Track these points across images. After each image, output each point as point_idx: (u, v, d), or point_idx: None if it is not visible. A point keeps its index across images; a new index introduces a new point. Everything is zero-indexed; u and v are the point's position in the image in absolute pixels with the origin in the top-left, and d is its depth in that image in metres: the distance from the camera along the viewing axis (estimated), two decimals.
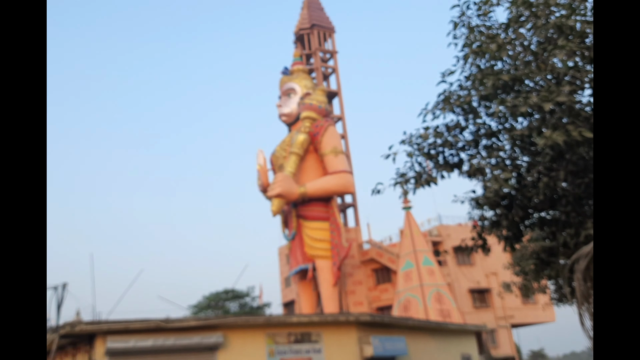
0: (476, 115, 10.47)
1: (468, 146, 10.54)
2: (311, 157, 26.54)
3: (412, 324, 18.40)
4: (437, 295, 27.88)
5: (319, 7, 38.33)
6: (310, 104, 26.89)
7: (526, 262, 19.11)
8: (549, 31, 9.34)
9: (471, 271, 35.35)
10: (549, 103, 8.45)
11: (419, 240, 30.12)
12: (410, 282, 28.83)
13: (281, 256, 40.61)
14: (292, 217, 26.50)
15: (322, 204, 26.09)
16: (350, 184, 26.37)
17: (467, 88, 10.45)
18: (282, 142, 28.49)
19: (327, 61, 37.22)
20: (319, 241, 25.57)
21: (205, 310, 46.51)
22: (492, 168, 9.67)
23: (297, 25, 37.88)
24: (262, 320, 13.92)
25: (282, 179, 24.60)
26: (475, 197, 11.03)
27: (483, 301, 35.14)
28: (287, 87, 28.86)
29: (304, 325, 14.32)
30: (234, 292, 47.25)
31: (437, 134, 10.44)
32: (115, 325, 11.65)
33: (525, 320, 37.10)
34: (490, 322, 33.69)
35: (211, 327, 12.89)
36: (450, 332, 21.33)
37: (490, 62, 10.25)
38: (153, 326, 11.98)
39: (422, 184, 10.55)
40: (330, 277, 25.07)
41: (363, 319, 15.43)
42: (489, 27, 10.32)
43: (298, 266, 26.24)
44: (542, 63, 9.35)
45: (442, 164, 10.60)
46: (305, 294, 26.89)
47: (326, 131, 26.20)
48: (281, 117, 28.94)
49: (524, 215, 10.78)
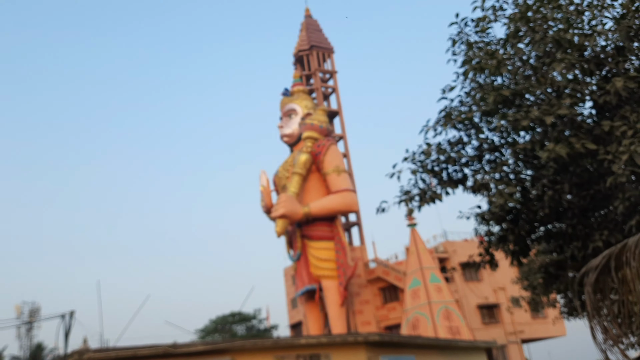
0: (478, 131, 10.49)
1: (471, 162, 10.55)
2: (314, 177, 26.60)
3: (422, 342, 18.23)
4: (445, 312, 27.64)
5: (317, 28, 38.74)
6: (312, 124, 27.06)
7: (534, 276, 18.97)
8: (548, 45, 9.41)
9: (479, 287, 35.08)
10: (550, 116, 8.49)
11: (426, 257, 29.97)
12: (418, 300, 28.61)
13: (287, 277, 40.39)
14: (296, 238, 26.46)
15: (327, 223, 26.06)
16: (353, 202, 26.38)
17: (468, 104, 10.49)
18: (285, 162, 28.59)
19: (327, 81, 37.49)
20: (324, 261, 25.49)
21: (212, 334, 46.19)
22: (497, 183, 9.66)
23: (296, 46, 38.25)
24: (270, 342, 13.82)
25: (285, 199, 24.63)
26: (481, 212, 11.01)
27: (492, 317, 34.79)
28: (287, 108, 29.08)
29: (313, 347, 14.21)
30: (240, 315, 46.96)
31: (440, 150, 10.46)
32: (123, 352, 11.57)
33: (536, 335, 36.67)
34: (500, 338, 33.32)
35: (219, 351, 12.80)
36: (461, 350, 21.11)
37: (490, 78, 10.31)
38: (161, 352, 11.90)
39: (427, 201, 10.53)
40: (337, 297, 24.93)
41: (372, 338, 15.30)
42: (487, 43, 10.40)
43: (304, 287, 26.13)
44: (541, 77, 9.41)
45: (446, 181, 10.60)
46: (313, 314, 26.72)
47: (328, 150, 26.32)
48: (283, 138, 29.09)
49: (530, 229, 10.74)
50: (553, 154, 8.20)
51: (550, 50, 9.52)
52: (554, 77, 9.37)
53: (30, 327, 44.20)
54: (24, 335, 44.84)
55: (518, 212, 10.53)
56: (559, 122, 8.92)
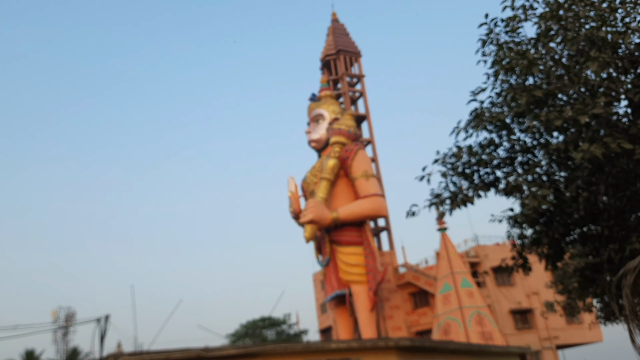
0: (510, 132, 10.34)
1: (503, 164, 10.40)
2: (342, 182, 26.56)
3: (454, 348, 18.00)
4: (477, 317, 27.26)
5: (344, 32, 38.77)
6: (339, 129, 27.04)
7: (569, 280, 18.56)
8: (580, 44, 9.24)
9: (512, 292, 34.50)
10: (584, 116, 8.32)
11: (456, 261, 29.64)
12: (449, 305, 28.29)
13: (316, 282, 40.43)
14: (325, 243, 26.44)
15: (355, 228, 25.98)
16: (382, 207, 26.24)
17: (499, 105, 10.35)
18: (313, 168, 28.64)
19: (354, 85, 37.47)
20: (353, 266, 25.41)
21: (243, 339, 46.50)
22: (529, 185, 9.49)
23: (323, 51, 38.35)
24: (300, 347, 13.82)
25: (313, 204, 24.64)
26: (513, 215, 10.82)
27: (525, 322, 34.16)
28: (315, 113, 29.15)
29: (343, 352, 14.16)
30: (270, 320, 47.19)
31: (471, 152, 10.33)
32: (157, 356, 11.73)
33: (571, 340, 35.85)
34: (534, 344, 32.68)
35: (251, 355, 12.86)
36: (493, 355, 20.76)
37: (521, 78, 10.17)
38: (194, 356, 12.02)
39: (458, 205, 10.39)
40: (367, 302, 24.81)
41: (403, 343, 15.18)
42: (518, 43, 10.26)
43: (334, 292, 26.07)
44: (574, 76, 9.23)
45: (478, 183, 10.46)
46: (342, 320, 26.63)
47: (356, 155, 26.25)
48: (310, 144, 29.16)
49: (565, 231, 10.52)
50: (588, 155, 8.03)
51: (583, 48, 9.35)
52: (588, 76, 9.20)
53: (66, 331, 45.19)
54: (60, 340, 45.89)
55: (552, 215, 10.32)
56: (593, 121, 8.73)
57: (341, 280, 25.58)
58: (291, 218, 27.92)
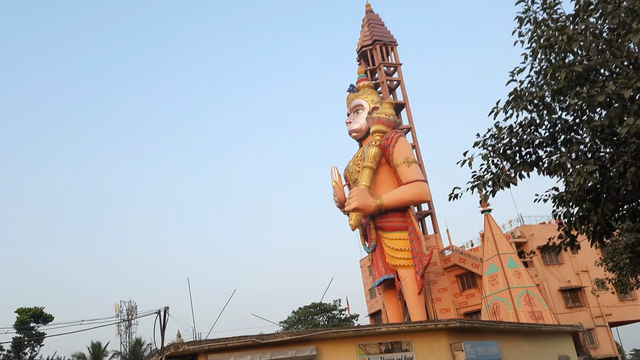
0: (550, 111, 10.28)
1: (545, 143, 10.35)
2: (384, 169, 26.70)
3: (504, 328, 18.05)
4: (526, 297, 27.04)
5: (379, 22, 38.62)
6: (379, 118, 27.15)
7: (620, 256, 18.21)
8: (621, 16, 9.11)
9: (560, 270, 33.96)
10: (629, 90, 8.24)
11: (502, 242, 29.39)
12: (497, 286, 28.14)
13: (363, 268, 40.77)
14: (370, 230, 26.69)
15: (399, 214, 26.12)
16: (425, 192, 26.26)
17: (538, 84, 10.30)
18: (355, 157, 28.88)
19: (391, 74, 37.34)
20: (399, 251, 25.60)
21: (295, 325, 47.38)
22: (573, 162, 9.44)
23: (359, 42, 38.37)
24: (352, 331, 14.18)
25: (357, 193, 24.90)
26: (559, 194, 10.76)
27: (576, 300, 33.59)
28: (354, 103, 29.36)
29: (394, 334, 14.45)
30: (321, 306, 47.87)
31: (512, 133, 10.32)
32: (215, 344, 12.28)
33: (625, 317, 35.05)
34: (586, 322, 32.15)
35: (304, 340, 13.29)
36: (545, 334, 20.66)
37: (560, 55, 10.07)
38: (249, 342, 12.54)
39: (501, 186, 10.41)
40: (414, 286, 24.98)
41: (452, 325, 15.35)
42: (556, 20, 10.15)
43: (381, 277, 26.34)
44: (616, 49, 9.11)
45: (520, 163, 10.45)
46: (391, 303, 26.91)
47: (397, 142, 26.32)
48: (351, 134, 29.39)
49: (613, 208, 10.42)
50: (634, 129, 7.97)
51: (624, 20, 9.21)
52: (630, 49, 9.07)
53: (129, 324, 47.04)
54: (124, 332, 47.82)
55: (599, 191, 10.25)
56: (637, 95, 8.64)
57: (388, 265, 25.83)
58: (336, 207, 28.28)
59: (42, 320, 42.95)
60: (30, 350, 43.79)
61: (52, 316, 43.29)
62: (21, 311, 42.99)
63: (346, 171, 29.38)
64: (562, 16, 10.34)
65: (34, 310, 43.23)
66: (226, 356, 12.31)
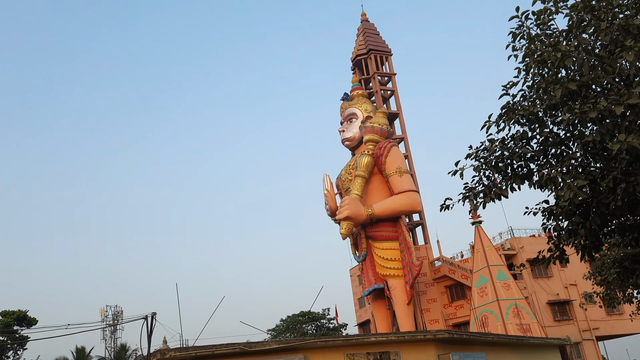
0: (542, 125, 10.35)
1: (537, 156, 10.41)
2: (376, 179, 26.73)
3: (492, 340, 18.06)
4: (515, 309, 27.10)
5: (374, 32, 38.82)
6: (372, 127, 27.20)
7: (608, 270, 18.33)
8: (614, 33, 9.21)
9: (549, 283, 34.11)
10: (620, 106, 8.31)
11: (492, 254, 29.49)
12: (486, 298, 28.20)
13: (353, 277, 40.72)
14: (361, 239, 26.67)
15: (391, 224, 26.12)
16: (417, 202, 26.30)
17: (531, 98, 10.37)
18: (347, 165, 28.91)
19: (385, 84, 37.51)
20: (389, 261, 25.58)
21: (283, 334, 47.18)
22: (564, 177, 9.49)
23: (354, 51, 38.54)
24: (340, 340, 14.13)
25: (349, 202, 24.89)
26: (549, 207, 10.83)
27: (564, 314, 33.73)
28: (348, 112, 29.41)
29: (382, 344, 14.42)
30: (310, 315, 47.74)
31: (504, 146, 10.38)
32: (202, 351, 12.19)
33: (612, 332, 35.23)
34: (573, 335, 32.26)
35: (292, 349, 13.23)
36: (532, 347, 20.72)
37: (553, 71, 10.16)
38: (237, 350, 12.45)
39: (492, 198, 10.45)
40: (403, 296, 24.96)
41: (441, 336, 15.34)
42: (549, 36, 10.25)
43: (371, 286, 26.30)
44: (609, 66, 9.21)
45: (512, 176, 10.50)
46: (380, 313, 26.85)
47: (389, 152, 26.37)
48: (344, 142, 29.42)
49: (602, 222, 10.49)
50: (625, 146, 8.03)
51: (617, 38, 9.31)
52: (622, 66, 9.16)
53: (114, 329, 46.59)
54: (109, 337, 47.34)
55: (588, 206, 10.32)
56: (629, 112, 8.72)
57: (378, 274, 25.80)
58: (327, 215, 28.25)
59: (26, 324, 42.49)
60: (13, 354, 43.23)
61: (36, 319, 42.83)
62: (5, 314, 42.49)
63: (338, 180, 29.38)
64: (555, 32, 10.45)
65: (18, 313, 42.74)
66: None
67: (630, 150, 8.44)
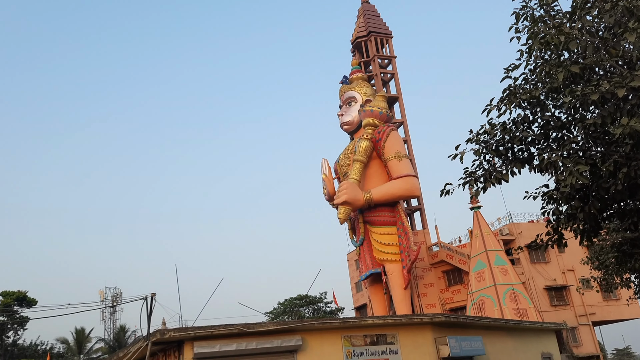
0: (544, 109, 10.27)
1: (537, 140, 10.34)
2: (375, 163, 26.63)
3: (488, 324, 18.14)
4: (512, 294, 27.23)
5: (375, 13, 38.30)
6: (371, 111, 27.02)
7: (606, 255, 18.37)
8: (618, 15, 9.09)
9: (546, 269, 34.25)
10: (622, 89, 8.23)
11: (490, 239, 29.54)
12: (483, 283, 28.31)
13: (350, 262, 40.84)
14: (359, 224, 26.66)
15: (388, 208, 26.09)
16: (415, 187, 26.23)
17: (533, 81, 10.28)
18: (345, 150, 28.77)
19: (385, 67, 37.12)
20: (387, 246, 25.60)
21: (281, 316, 47.45)
22: (565, 161, 9.43)
23: (354, 33, 38.05)
24: (338, 322, 14.17)
25: (347, 186, 24.83)
26: (549, 191, 10.78)
27: (561, 299, 33.93)
28: (347, 95, 29.18)
29: (379, 327, 14.46)
30: (307, 298, 47.96)
31: (505, 129, 10.30)
32: (201, 332, 12.21)
33: (608, 317, 35.49)
34: (570, 321, 32.49)
35: (290, 330, 13.26)
36: (529, 331, 20.83)
37: (556, 53, 10.05)
38: (236, 331, 12.47)
39: (492, 182, 10.39)
40: (401, 281, 25.03)
41: (437, 319, 15.39)
42: (553, 17, 10.13)
43: (368, 271, 26.37)
44: (612, 49, 9.11)
45: (512, 160, 10.44)
46: (377, 297, 26.96)
47: (388, 136, 26.23)
48: (343, 126, 29.23)
49: (602, 206, 10.46)
50: (628, 129, 7.96)
51: (620, 20, 9.20)
52: (626, 48, 9.07)
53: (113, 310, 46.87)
54: (108, 319, 47.64)
55: (588, 190, 10.28)
56: (631, 95, 8.65)
57: (375, 259, 25.84)
58: (325, 200, 28.20)
59: (26, 304, 42.68)
60: (13, 334, 43.49)
61: (35, 300, 43.02)
62: (5, 294, 42.66)
63: (336, 164, 29.29)
64: (559, 13, 10.33)
65: (18, 294, 42.91)
66: (212, 344, 12.24)
67: (633, 134, 8.38)
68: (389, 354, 14.28)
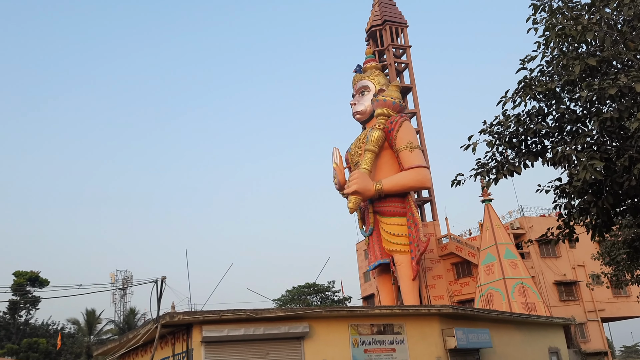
0: (559, 101, 10.16)
1: (552, 133, 10.25)
2: (386, 154, 26.51)
3: (496, 316, 18.12)
4: (520, 288, 27.15)
5: (390, 2, 37.91)
6: (384, 100, 26.86)
7: (617, 251, 18.22)
8: (637, 7, 8.95)
9: (556, 264, 34.08)
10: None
11: (500, 233, 29.43)
12: (492, 276, 28.25)
13: (359, 252, 40.88)
14: (368, 213, 26.63)
15: (399, 199, 26.01)
16: (426, 178, 26.10)
17: (549, 73, 10.16)
18: (357, 139, 28.66)
19: (400, 56, 36.82)
20: (396, 236, 25.56)
21: (289, 304, 47.78)
22: (579, 154, 9.34)
23: (369, 22, 37.75)
24: (345, 311, 14.24)
25: (357, 176, 24.76)
26: (561, 185, 10.69)
27: (570, 294, 33.77)
28: (360, 85, 29.00)
29: (386, 317, 14.50)
30: (315, 286, 48.21)
31: (519, 121, 10.21)
32: (210, 316, 12.33)
33: (617, 313, 35.28)
34: (579, 316, 32.34)
35: (297, 317, 13.34)
36: (537, 325, 20.78)
37: (573, 45, 9.93)
38: (244, 316, 12.58)
39: (504, 174, 10.31)
40: (409, 272, 25.02)
41: (445, 310, 15.41)
42: (571, 9, 9.99)
43: (377, 261, 26.37)
44: (630, 42, 8.98)
45: (525, 152, 10.35)
46: (385, 288, 26.99)
47: (401, 127, 26.07)
48: (355, 116, 29.09)
49: (615, 202, 10.36)
50: None
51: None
52: None
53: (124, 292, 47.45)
54: (118, 301, 48.27)
55: (601, 185, 10.18)
56: None
57: (384, 249, 25.83)
58: (336, 189, 28.19)
59: (38, 285, 43.36)
60: (25, 313, 44.20)
61: (47, 281, 43.67)
62: (18, 274, 43.31)
63: (348, 153, 29.21)
64: (577, 5, 10.18)
65: (31, 274, 43.55)
66: (220, 328, 12.37)
67: None
68: (395, 343, 14.33)
